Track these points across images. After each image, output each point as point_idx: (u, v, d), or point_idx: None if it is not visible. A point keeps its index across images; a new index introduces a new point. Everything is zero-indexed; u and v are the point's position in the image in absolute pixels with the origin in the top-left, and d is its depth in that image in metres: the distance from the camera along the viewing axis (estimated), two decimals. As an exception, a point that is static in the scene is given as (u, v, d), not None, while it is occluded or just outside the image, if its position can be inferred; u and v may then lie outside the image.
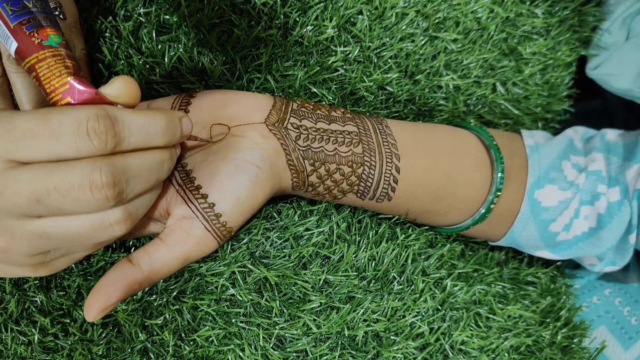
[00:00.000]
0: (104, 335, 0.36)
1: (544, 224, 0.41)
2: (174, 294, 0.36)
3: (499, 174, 0.40)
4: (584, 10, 0.50)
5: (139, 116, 0.26)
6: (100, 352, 0.35)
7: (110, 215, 0.26)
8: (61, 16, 0.32)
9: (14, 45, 0.26)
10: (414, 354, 0.38)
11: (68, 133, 0.23)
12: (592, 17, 0.50)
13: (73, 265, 0.36)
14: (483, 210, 0.40)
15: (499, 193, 0.40)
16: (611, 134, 0.43)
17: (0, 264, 0.27)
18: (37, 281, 0.35)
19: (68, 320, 0.35)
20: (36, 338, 0.35)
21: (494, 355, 0.40)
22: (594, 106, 0.64)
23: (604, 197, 0.40)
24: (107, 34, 0.37)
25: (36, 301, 0.36)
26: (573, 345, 0.45)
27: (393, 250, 0.40)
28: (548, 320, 0.45)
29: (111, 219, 0.26)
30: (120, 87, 0.26)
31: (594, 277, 0.51)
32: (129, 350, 0.35)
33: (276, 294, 0.36)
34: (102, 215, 0.25)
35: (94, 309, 0.28)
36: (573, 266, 0.54)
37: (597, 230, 0.41)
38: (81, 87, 0.25)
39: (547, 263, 0.51)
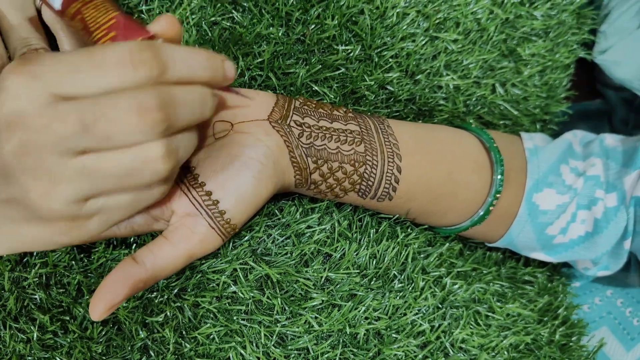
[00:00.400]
0: (103, 333, 0.35)
1: (541, 227, 0.41)
2: (175, 291, 0.35)
3: (499, 176, 0.40)
4: (582, 13, 0.50)
5: (181, 49, 0.25)
6: (100, 350, 0.35)
7: (154, 148, 0.25)
8: None
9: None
10: (415, 351, 0.38)
11: (112, 64, 0.23)
12: (591, 19, 0.51)
13: (73, 262, 0.36)
14: (482, 212, 0.41)
15: (498, 195, 0.40)
16: (610, 139, 0.43)
17: (33, 226, 0.26)
18: (37, 278, 0.35)
19: (68, 318, 0.35)
20: (35, 336, 0.35)
21: (493, 353, 0.40)
22: (593, 106, 0.64)
23: (601, 203, 0.40)
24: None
25: (35, 298, 0.35)
26: (571, 344, 0.45)
27: (393, 248, 0.40)
28: (546, 318, 0.45)
29: (155, 152, 0.25)
30: (165, 24, 0.26)
31: (590, 277, 0.52)
32: (129, 348, 0.35)
33: (278, 291, 0.36)
34: (146, 149, 0.24)
35: (98, 308, 0.28)
36: (570, 265, 0.54)
37: (593, 235, 0.41)
38: (127, 20, 0.26)
39: (543, 263, 0.51)
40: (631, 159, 0.41)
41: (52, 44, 0.34)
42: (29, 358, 0.35)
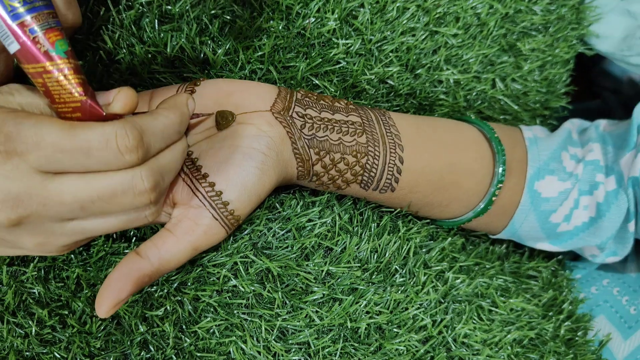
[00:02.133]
0: (102, 327, 0.35)
1: (545, 215, 0.41)
2: (175, 285, 0.35)
3: (501, 166, 0.40)
4: (581, 8, 0.50)
5: (159, 121, 0.27)
6: (99, 345, 0.35)
7: (146, 210, 0.28)
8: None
9: (14, 46, 0.24)
10: (416, 346, 0.37)
11: (98, 149, 0.24)
12: (591, 13, 0.51)
13: (72, 256, 0.35)
14: (484, 203, 0.40)
15: (500, 185, 0.40)
16: (604, 124, 0.44)
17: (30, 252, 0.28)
18: (35, 272, 0.35)
19: (66, 312, 0.35)
20: (33, 330, 0.34)
21: (497, 349, 0.40)
22: (592, 106, 0.65)
23: (602, 187, 0.41)
24: (109, 24, 0.37)
25: (34, 292, 0.35)
26: (577, 338, 0.45)
27: (395, 242, 0.39)
28: (550, 313, 0.45)
29: (146, 212, 0.28)
30: (124, 102, 0.26)
31: (594, 267, 0.51)
32: (129, 342, 0.35)
33: (278, 285, 0.36)
34: (138, 212, 0.28)
35: (105, 304, 0.28)
36: (572, 257, 0.54)
37: (597, 219, 0.41)
38: (94, 107, 0.25)
39: (548, 257, 0.51)
40: (625, 141, 0.41)
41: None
42: (27, 353, 0.34)
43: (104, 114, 0.25)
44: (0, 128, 0.23)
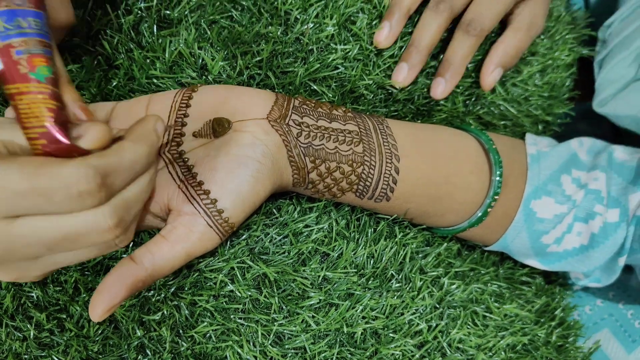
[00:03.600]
0: (100, 331, 0.35)
1: (537, 234, 0.41)
2: (172, 289, 0.35)
3: (497, 178, 0.40)
4: (572, 9, 0.51)
5: (125, 159, 0.26)
6: (96, 349, 0.35)
7: (115, 240, 0.27)
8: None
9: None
10: (412, 351, 0.38)
11: (59, 195, 0.24)
12: (583, 12, 0.51)
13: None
14: (480, 214, 0.40)
15: (496, 197, 0.40)
16: (620, 152, 0.42)
17: None
18: (33, 276, 0.35)
19: (64, 316, 0.35)
20: (32, 334, 0.34)
21: (490, 354, 0.40)
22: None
23: (599, 217, 0.40)
24: (107, 29, 0.37)
25: (32, 296, 0.35)
26: (568, 345, 0.45)
27: (391, 248, 0.40)
28: (543, 319, 0.45)
29: (116, 241, 0.27)
30: (94, 138, 0.26)
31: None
32: (126, 346, 0.35)
33: (275, 290, 0.36)
34: (107, 243, 0.27)
35: (98, 309, 0.28)
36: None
37: (588, 248, 0.41)
38: (57, 136, 0.25)
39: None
40: (639, 178, 0.40)
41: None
42: (26, 356, 0.34)
43: (68, 143, 0.25)
44: None
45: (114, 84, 0.37)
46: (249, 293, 0.35)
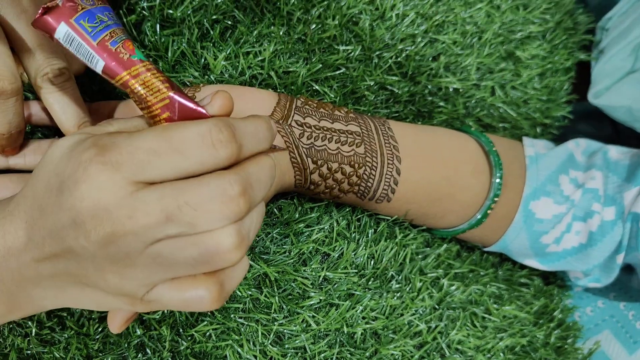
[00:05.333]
0: (100, 329, 0.35)
1: (536, 235, 0.41)
2: (173, 288, 0.35)
3: (497, 180, 0.40)
4: (575, 14, 0.51)
5: (250, 124, 0.26)
6: (96, 347, 0.35)
7: (228, 239, 0.24)
8: None
9: (100, 64, 0.25)
10: (411, 352, 0.38)
11: (193, 147, 0.23)
12: (586, 17, 0.51)
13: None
14: (480, 215, 0.41)
15: (496, 199, 0.40)
16: (614, 152, 0.43)
17: (96, 293, 0.26)
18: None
19: (65, 314, 0.35)
20: (33, 331, 0.35)
21: (489, 355, 0.40)
22: (593, 106, 0.64)
23: (597, 216, 0.40)
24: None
25: (33, 294, 0.35)
26: (566, 346, 0.46)
27: (392, 249, 0.40)
28: (542, 321, 0.45)
29: (228, 243, 0.24)
30: (221, 104, 0.26)
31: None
32: (126, 345, 0.35)
33: (275, 290, 0.36)
34: (220, 239, 0.24)
35: (117, 320, 0.28)
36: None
37: (587, 247, 0.41)
38: (182, 101, 0.25)
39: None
40: (633, 175, 0.40)
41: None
42: (28, 352, 0.34)
43: (194, 107, 0.25)
44: (96, 142, 0.23)
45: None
46: (250, 292, 0.35)
